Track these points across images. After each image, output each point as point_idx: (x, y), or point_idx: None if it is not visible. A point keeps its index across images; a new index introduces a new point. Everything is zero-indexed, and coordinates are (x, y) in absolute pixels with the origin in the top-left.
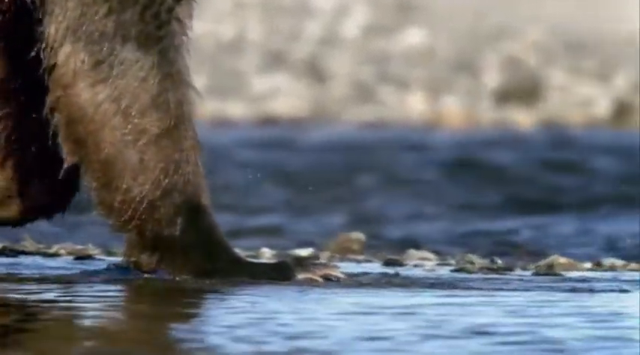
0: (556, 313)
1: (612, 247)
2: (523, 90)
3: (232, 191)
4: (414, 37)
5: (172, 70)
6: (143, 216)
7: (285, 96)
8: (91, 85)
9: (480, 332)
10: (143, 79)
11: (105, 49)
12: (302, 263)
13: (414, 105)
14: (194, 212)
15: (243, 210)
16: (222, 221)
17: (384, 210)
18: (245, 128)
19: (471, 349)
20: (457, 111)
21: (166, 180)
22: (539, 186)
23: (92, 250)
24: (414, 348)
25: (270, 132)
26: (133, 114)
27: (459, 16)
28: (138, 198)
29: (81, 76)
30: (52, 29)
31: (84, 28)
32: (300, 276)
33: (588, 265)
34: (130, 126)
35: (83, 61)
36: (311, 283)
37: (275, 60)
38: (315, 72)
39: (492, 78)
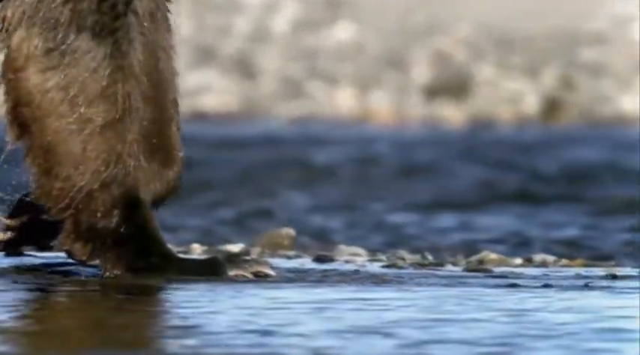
0: (469, 309)
1: (544, 243)
2: (452, 85)
3: None
4: (343, 32)
5: (124, 63)
6: (80, 206)
7: (215, 92)
8: (42, 71)
9: (383, 331)
10: (94, 70)
11: (59, 36)
12: (233, 259)
13: (343, 101)
14: (131, 206)
15: (175, 205)
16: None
17: (305, 205)
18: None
19: (362, 346)
20: (386, 106)
21: (107, 172)
22: (468, 182)
23: None
24: (308, 344)
25: (200, 127)
26: (79, 103)
27: (388, 12)
28: (76, 187)
29: (32, 61)
30: (8, 12)
31: (40, 14)
32: (231, 273)
33: (519, 261)
34: (75, 115)
35: (36, 47)
36: (242, 279)
37: (205, 56)
38: (244, 67)
39: (421, 73)
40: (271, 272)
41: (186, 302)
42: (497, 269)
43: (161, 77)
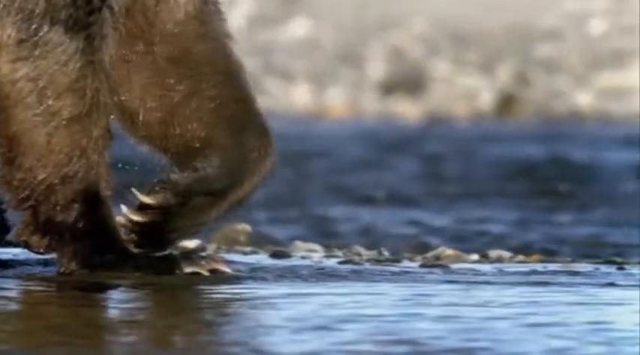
0: (406, 304)
1: (499, 238)
2: (407, 81)
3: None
4: (298, 28)
5: (95, 58)
6: (40, 198)
7: None
8: (12, 61)
9: (324, 325)
10: (64, 63)
11: (32, 27)
12: (189, 256)
13: (299, 97)
14: (91, 201)
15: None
16: None
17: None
18: None
19: (296, 343)
20: (341, 102)
21: (69, 166)
22: (423, 179)
23: None
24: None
25: None
26: (48, 95)
27: (343, 8)
28: (38, 179)
29: (4, 51)
30: None
31: (16, 4)
32: (187, 270)
33: (475, 257)
34: (42, 107)
35: (9, 36)
36: (197, 276)
37: None
38: None
39: (377, 69)
40: (227, 269)
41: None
42: (455, 266)
43: (231, 61)
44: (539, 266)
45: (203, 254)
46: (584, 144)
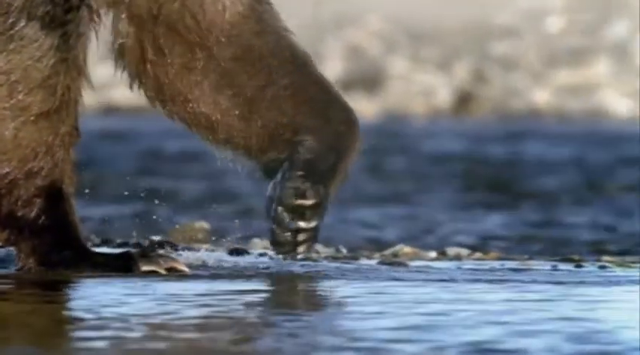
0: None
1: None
2: (365, 79)
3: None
4: None
5: (69, 56)
6: (2, 191)
7: (125, 86)
8: None
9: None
10: (38, 59)
11: (9, 21)
12: (147, 254)
13: None
14: (53, 198)
15: (90, 197)
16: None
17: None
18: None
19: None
20: None
21: (34, 161)
22: (375, 176)
23: None
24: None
25: (111, 122)
26: (19, 90)
27: (299, 4)
28: (2, 173)
29: None
30: None
31: None
32: (145, 268)
33: (433, 254)
34: (12, 101)
35: None
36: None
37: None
38: None
39: (334, 67)
40: (184, 268)
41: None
42: (413, 263)
43: (296, 51)
44: (496, 264)
45: (161, 253)
46: (540, 141)
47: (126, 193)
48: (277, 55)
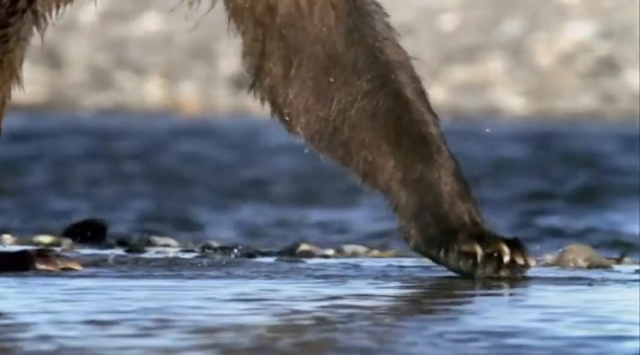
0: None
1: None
2: None
3: None
4: (150, 22)
5: (5, 58)
6: None
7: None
8: None
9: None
10: None
11: None
12: (43, 253)
13: (152, 92)
14: None
15: None
16: None
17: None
18: None
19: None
20: (194, 98)
21: None
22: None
23: None
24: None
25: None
26: None
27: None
28: None
29: None
30: None
31: None
32: (41, 267)
33: (331, 252)
34: None
35: None
36: (50, 274)
37: None
38: (51, 58)
39: (229, 64)
40: (78, 267)
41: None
42: (310, 261)
43: (385, 65)
44: (394, 261)
45: (57, 252)
46: None
47: None
48: (361, 72)
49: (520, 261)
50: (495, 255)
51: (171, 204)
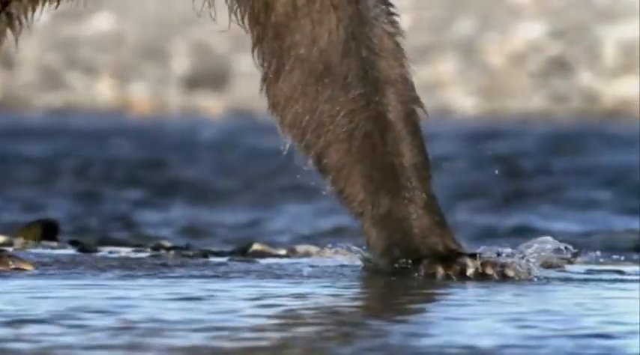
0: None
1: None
2: (212, 76)
3: None
4: (102, 22)
5: None
6: None
7: None
8: None
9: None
10: None
11: None
12: None
13: (103, 92)
14: None
15: None
16: None
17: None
18: None
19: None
20: (145, 97)
21: None
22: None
23: None
24: None
25: None
26: None
27: (147, 2)
28: None
29: None
30: None
31: None
32: None
33: (283, 251)
34: None
35: None
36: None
37: None
38: (3, 58)
39: (181, 64)
40: (30, 268)
41: None
42: (263, 261)
43: (373, 82)
44: (346, 261)
45: (9, 252)
46: None
47: None
48: (349, 87)
49: (489, 271)
50: (459, 268)
51: (105, 203)
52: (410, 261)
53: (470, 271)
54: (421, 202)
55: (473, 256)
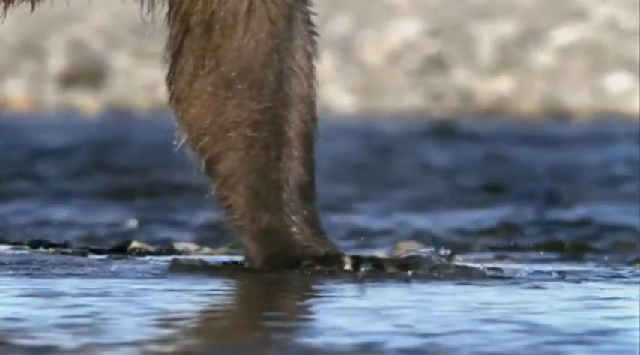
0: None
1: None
2: (88, 74)
3: None
4: None
5: None
6: None
7: None
8: None
9: None
10: None
11: None
12: None
13: None
14: None
15: None
16: None
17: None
18: None
19: None
20: (22, 95)
21: None
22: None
23: None
24: None
25: None
26: None
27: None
28: None
29: None
30: None
31: None
32: None
33: (162, 249)
34: None
35: None
36: None
37: None
38: None
39: (57, 62)
40: None
41: None
42: (142, 258)
43: (284, 96)
44: (226, 258)
45: None
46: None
47: None
48: (260, 97)
49: (367, 267)
50: (336, 265)
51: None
52: (290, 266)
53: (347, 267)
54: (302, 218)
55: (354, 257)
